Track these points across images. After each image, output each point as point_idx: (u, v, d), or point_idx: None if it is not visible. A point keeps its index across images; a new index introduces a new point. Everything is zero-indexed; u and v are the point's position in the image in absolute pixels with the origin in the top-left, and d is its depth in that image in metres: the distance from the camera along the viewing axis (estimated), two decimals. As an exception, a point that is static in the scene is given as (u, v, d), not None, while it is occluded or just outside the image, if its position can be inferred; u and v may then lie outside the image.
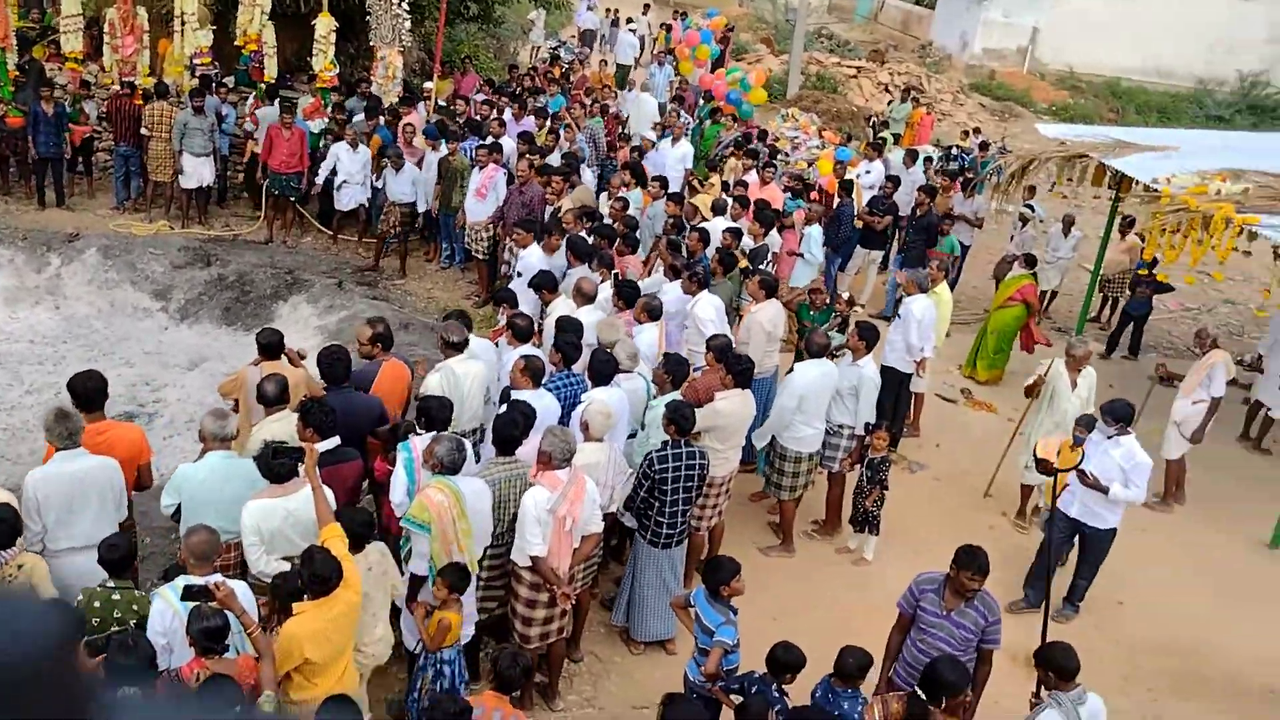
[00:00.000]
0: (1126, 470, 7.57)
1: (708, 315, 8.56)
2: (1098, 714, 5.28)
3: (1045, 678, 5.39)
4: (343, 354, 6.81)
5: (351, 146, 12.44)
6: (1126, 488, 7.59)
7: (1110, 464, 7.68)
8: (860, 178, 14.27)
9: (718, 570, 5.79)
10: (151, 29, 13.70)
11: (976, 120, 24.86)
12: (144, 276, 11.95)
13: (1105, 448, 7.72)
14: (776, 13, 34.71)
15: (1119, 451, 7.65)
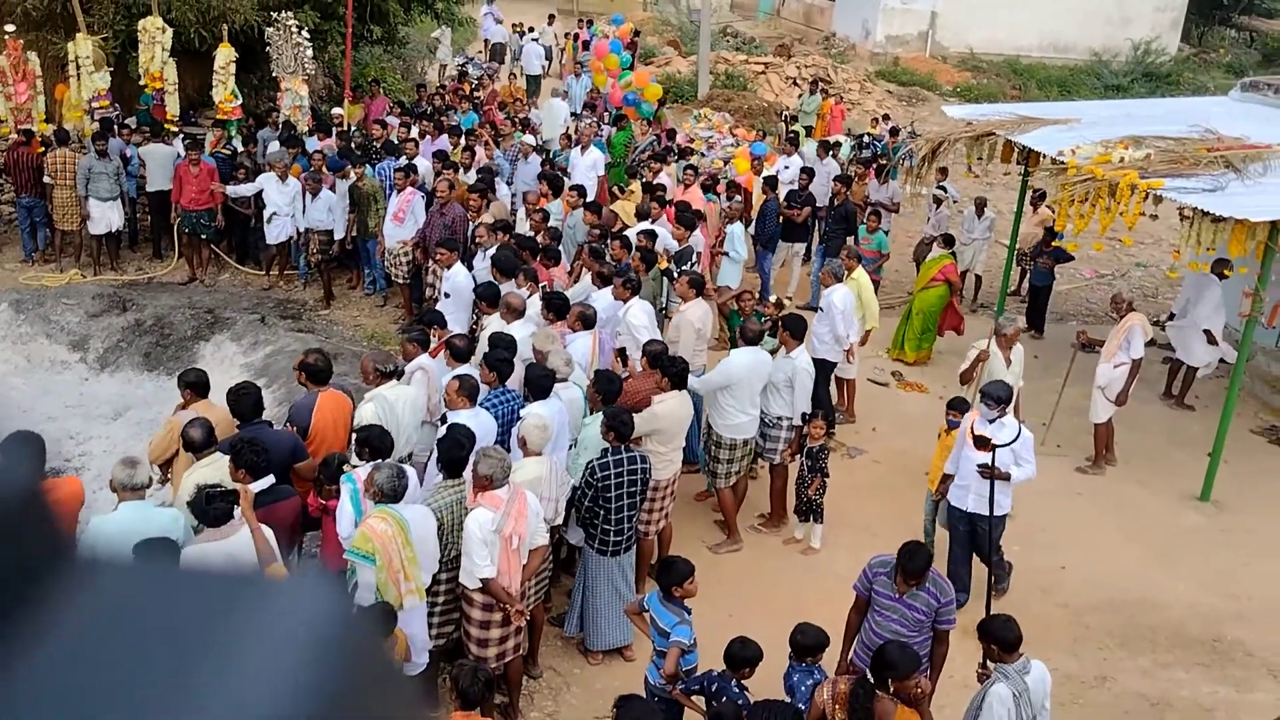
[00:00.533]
0: (1016, 449, 7.39)
1: (640, 321, 8.59)
2: (1043, 679, 5.39)
3: (989, 650, 5.46)
4: (250, 390, 6.72)
5: (280, 179, 12.25)
6: (1020, 466, 7.44)
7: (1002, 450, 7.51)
8: (780, 173, 14.42)
9: (670, 571, 5.80)
10: (46, 74, 13.36)
11: (885, 107, 25.28)
12: (59, 328, 11.64)
13: (990, 431, 7.48)
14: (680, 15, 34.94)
15: (1005, 433, 7.44)
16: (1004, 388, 7.63)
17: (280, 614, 0.62)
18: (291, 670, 0.58)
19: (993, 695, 5.21)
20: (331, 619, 0.63)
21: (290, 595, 0.64)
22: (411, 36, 22.04)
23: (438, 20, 19.36)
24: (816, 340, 10.17)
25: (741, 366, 8.18)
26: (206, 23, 13.71)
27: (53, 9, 13.51)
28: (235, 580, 0.68)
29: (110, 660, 0.58)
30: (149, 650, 0.59)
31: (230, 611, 0.62)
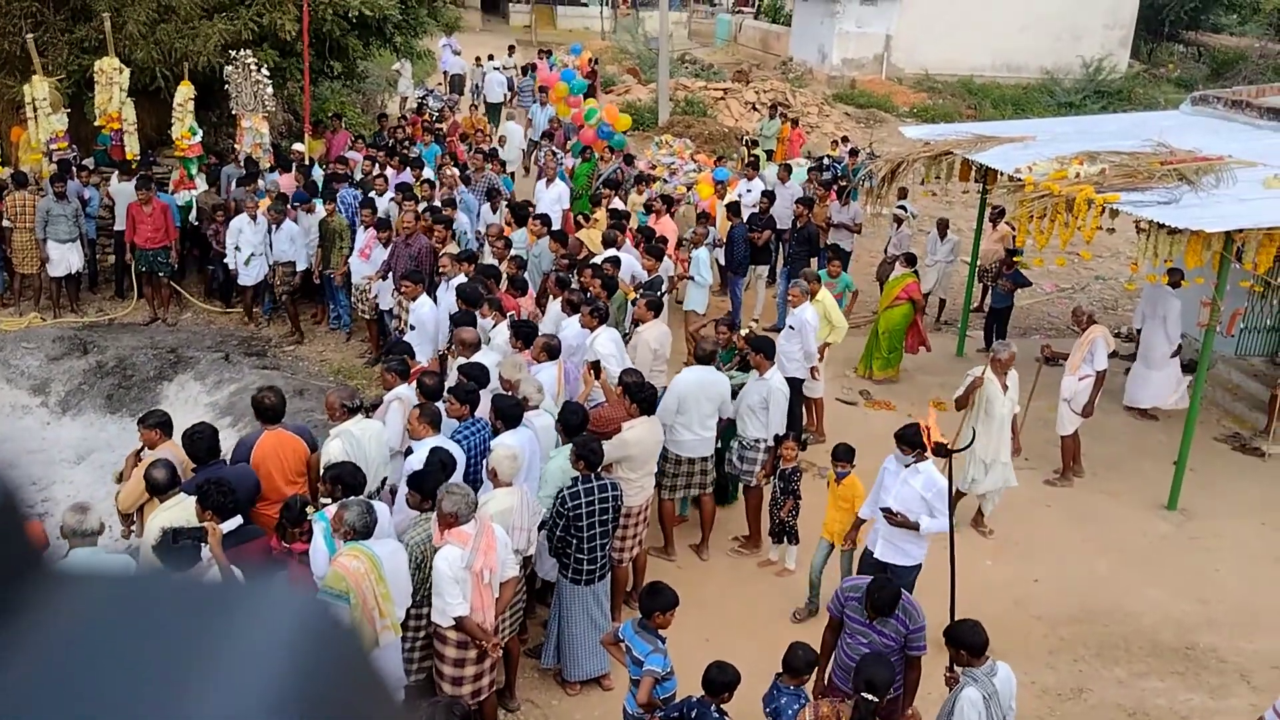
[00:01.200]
0: (929, 499, 6.97)
1: (608, 350, 8.58)
2: (1008, 680, 5.49)
3: (957, 655, 5.51)
4: (203, 431, 6.63)
5: (251, 219, 12.11)
6: (933, 517, 6.98)
7: (912, 494, 7.06)
8: (743, 196, 14.51)
9: (657, 597, 5.75)
10: (2, 117, 13.23)
11: (843, 129, 25.51)
12: (19, 372, 11.46)
13: (904, 477, 7.09)
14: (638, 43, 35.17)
15: (919, 480, 7.02)
16: (914, 431, 7.00)
17: (264, 616, 0.62)
18: (278, 671, 0.58)
19: (964, 699, 5.25)
20: (313, 621, 0.62)
21: (273, 599, 0.64)
22: (371, 70, 22.03)
23: (397, 54, 19.35)
24: (785, 359, 10.21)
25: (687, 384, 8.20)
26: (170, 63, 13.65)
27: (9, 51, 13.39)
28: (218, 587, 0.68)
29: (94, 666, 0.57)
30: (134, 656, 0.58)
31: (214, 615, 0.62)
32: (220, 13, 13.85)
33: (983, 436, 8.73)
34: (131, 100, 13.45)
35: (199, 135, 13.99)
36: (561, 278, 9.99)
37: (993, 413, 8.84)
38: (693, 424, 8.27)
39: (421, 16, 17.88)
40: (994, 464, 8.96)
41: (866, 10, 32.10)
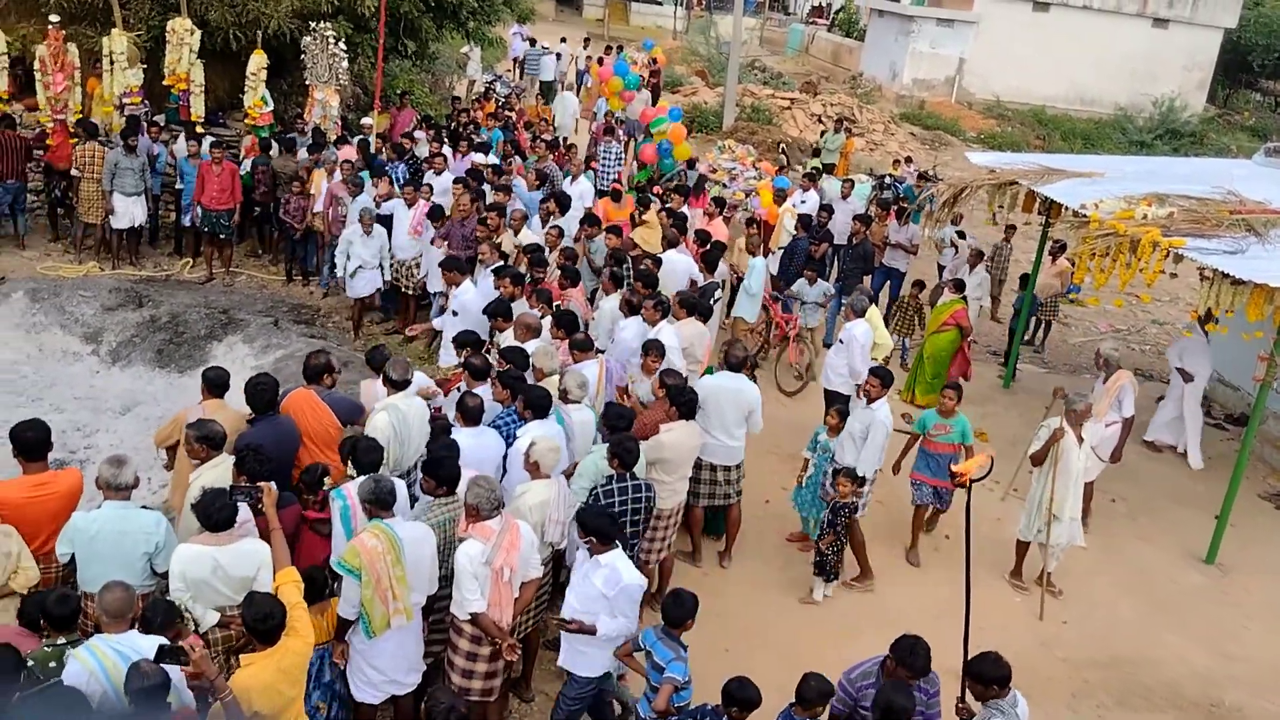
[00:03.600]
0: (611, 598, 5.81)
1: (671, 343, 8.55)
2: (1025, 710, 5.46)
3: (979, 690, 5.42)
4: (267, 382, 6.78)
5: (365, 232, 11.53)
6: (614, 618, 5.84)
7: (592, 592, 5.88)
8: (797, 207, 14.46)
9: (681, 605, 5.71)
10: (81, 67, 13.47)
11: (908, 149, 25.33)
12: (74, 319, 11.66)
13: (585, 570, 5.98)
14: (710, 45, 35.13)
15: (600, 575, 5.82)
16: (602, 516, 6.03)
17: None
18: None
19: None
20: None
21: None
22: (441, 52, 22.20)
23: (468, 38, 19.48)
24: (831, 373, 10.22)
25: (710, 388, 8.14)
26: (242, 25, 13.81)
27: (91, 3, 13.63)
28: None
29: None
30: None
31: None
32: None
33: (1055, 489, 8.60)
34: (201, 62, 13.64)
35: (270, 105, 14.15)
36: (615, 273, 10.00)
37: (1068, 466, 8.64)
38: (716, 429, 8.21)
39: (496, 3, 18.00)
40: (1063, 519, 8.74)
41: (942, 31, 31.86)
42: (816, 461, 8.96)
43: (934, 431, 9.00)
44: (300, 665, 4.88)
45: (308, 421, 6.98)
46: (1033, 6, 31.39)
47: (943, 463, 8.88)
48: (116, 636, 4.66)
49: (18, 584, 5.61)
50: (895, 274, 14.28)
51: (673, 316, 9.24)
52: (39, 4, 13.64)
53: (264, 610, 4.75)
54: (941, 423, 8.99)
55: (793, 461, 10.65)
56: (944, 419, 8.97)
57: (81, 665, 4.53)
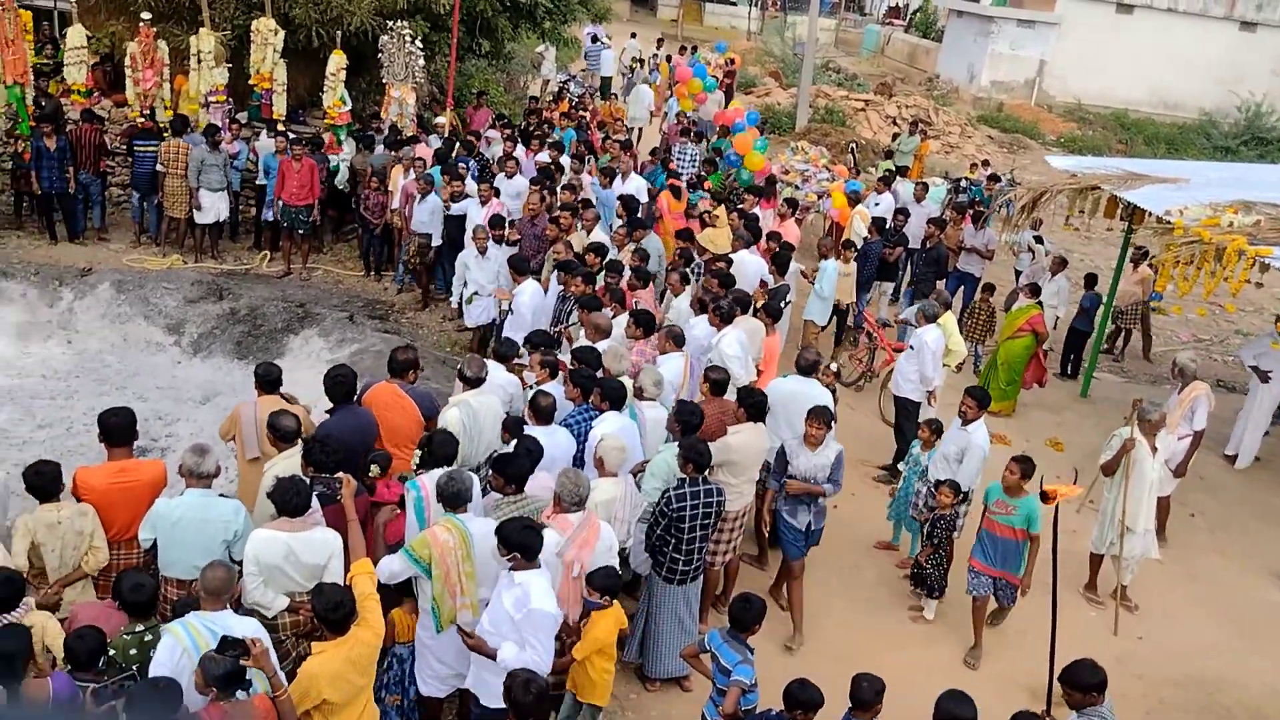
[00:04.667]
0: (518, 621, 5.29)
1: (733, 351, 8.53)
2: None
3: (1076, 699, 5.38)
4: (345, 373, 6.94)
5: (480, 253, 11.00)
6: (523, 648, 5.28)
7: (501, 611, 5.38)
8: (870, 210, 14.31)
9: (749, 608, 5.69)
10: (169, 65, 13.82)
11: (985, 152, 24.95)
12: (157, 311, 11.99)
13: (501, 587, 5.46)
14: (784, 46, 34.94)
15: (512, 595, 5.33)
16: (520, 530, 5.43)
17: None
18: None
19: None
20: None
21: None
22: (517, 52, 22.37)
23: (544, 38, 19.61)
24: (901, 378, 10.09)
25: (780, 390, 8.11)
26: (324, 23, 14.06)
27: (180, 2, 13.97)
28: None
29: None
30: None
31: None
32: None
33: (1128, 501, 8.42)
34: (284, 61, 13.90)
35: (349, 104, 14.38)
36: (684, 273, 10.00)
37: (1141, 477, 8.44)
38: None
39: (572, 3, 18.07)
40: (1137, 530, 8.54)
41: (1023, 33, 31.32)
42: (906, 475, 8.83)
43: (995, 509, 7.70)
44: (369, 656, 4.95)
45: (391, 415, 7.08)
46: (1116, 8, 30.70)
47: (1004, 550, 7.67)
48: (211, 615, 4.80)
49: (89, 565, 5.79)
50: (969, 279, 14.06)
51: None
52: (129, 2, 14.02)
53: (334, 600, 4.82)
54: (1004, 500, 7.66)
55: (862, 469, 10.58)
56: (1008, 496, 7.63)
57: (175, 640, 4.67)
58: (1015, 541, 7.63)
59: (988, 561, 7.79)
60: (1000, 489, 7.66)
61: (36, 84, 13.64)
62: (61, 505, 5.73)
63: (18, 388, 10.46)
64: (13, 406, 10.06)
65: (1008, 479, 7.57)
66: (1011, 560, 7.70)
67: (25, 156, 12.76)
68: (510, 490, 6.14)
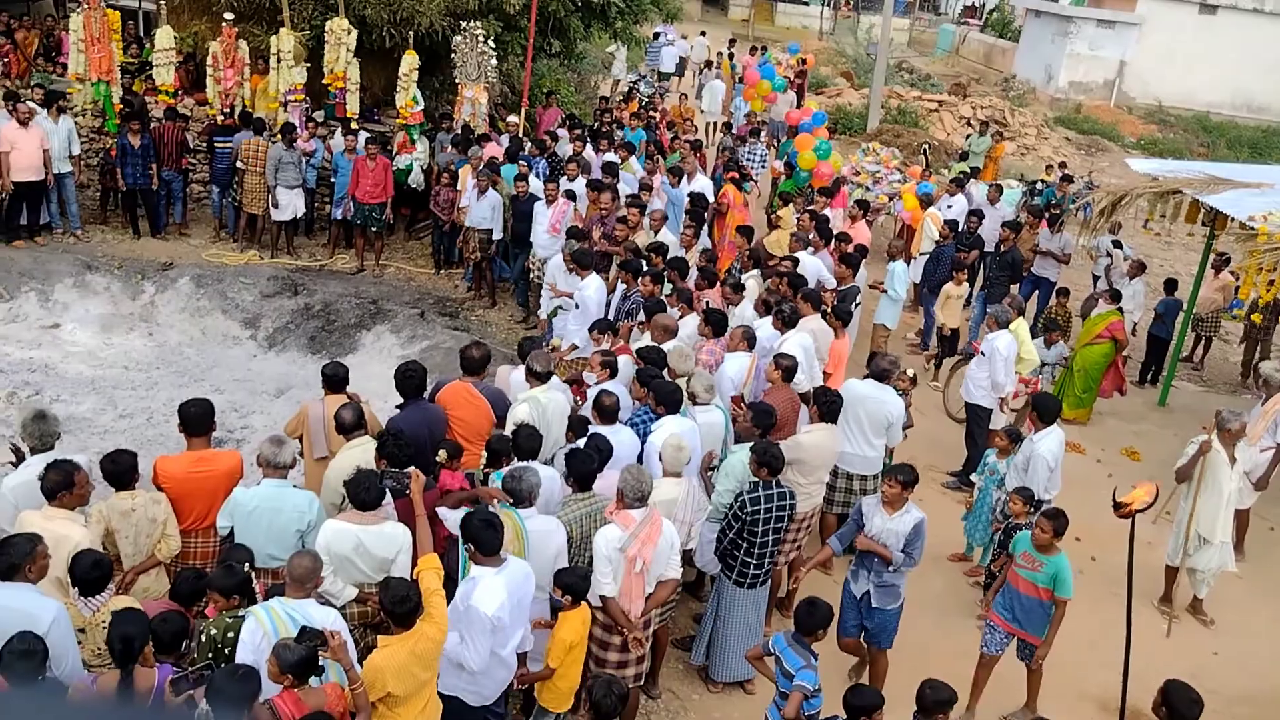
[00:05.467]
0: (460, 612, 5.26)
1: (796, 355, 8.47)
2: None
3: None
4: (415, 369, 7.04)
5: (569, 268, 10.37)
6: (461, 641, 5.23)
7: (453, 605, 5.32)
8: (943, 212, 14.12)
9: (814, 612, 5.67)
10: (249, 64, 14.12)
11: (1062, 154, 24.48)
12: (234, 305, 12.26)
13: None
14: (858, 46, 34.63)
15: (462, 589, 5.38)
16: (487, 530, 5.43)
17: None
18: None
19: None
20: None
21: None
22: (588, 51, 22.48)
23: (615, 38, 19.66)
24: (972, 384, 9.95)
25: (849, 393, 8.02)
26: (396, 23, 14.25)
27: (260, 3, 14.27)
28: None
29: None
30: None
31: None
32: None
33: (1203, 511, 8.21)
34: (357, 61, 14.11)
35: (421, 104, 14.56)
36: (738, 282, 9.92)
37: (1218, 487, 8.22)
38: (855, 436, 8.10)
39: (644, 3, 18.08)
40: (1213, 542, 8.32)
41: (1102, 33, 30.66)
42: (983, 485, 8.70)
43: (1021, 562, 6.95)
44: (434, 651, 5.00)
45: (464, 412, 7.16)
46: (1199, 8, 29.91)
47: (1026, 608, 6.91)
48: (294, 602, 4.90)
49: (162, 552, 5.93)
50: (1044, 283, 13.80)
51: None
52: (211, 2, 14.35)
53: (400, 594, 4.88)
54: (1031, 554, 6.89)
55: (930, 474, 10.45)
56: (1037, 552, 6.86)
57: (257, 623, 4.78)
58: (1039, 601, 6.88)
59: (1007, 617, 7.04)
60: (1029, 541, 6.93)
61: (122, 82, 14.02)
62: (136, 493, 5.88)
63: (101, 378, 10.76)
64: (96, 396, 10.35)
65: (1038, 536, 6.82)
66: (1034, 620, 6.92)
67: (111, 153, 13.15)
68: (576, 487, 6.18)
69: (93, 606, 5.04)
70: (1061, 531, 6.80)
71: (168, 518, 5.94)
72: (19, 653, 4.27)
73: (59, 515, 5.44)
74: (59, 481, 5.46)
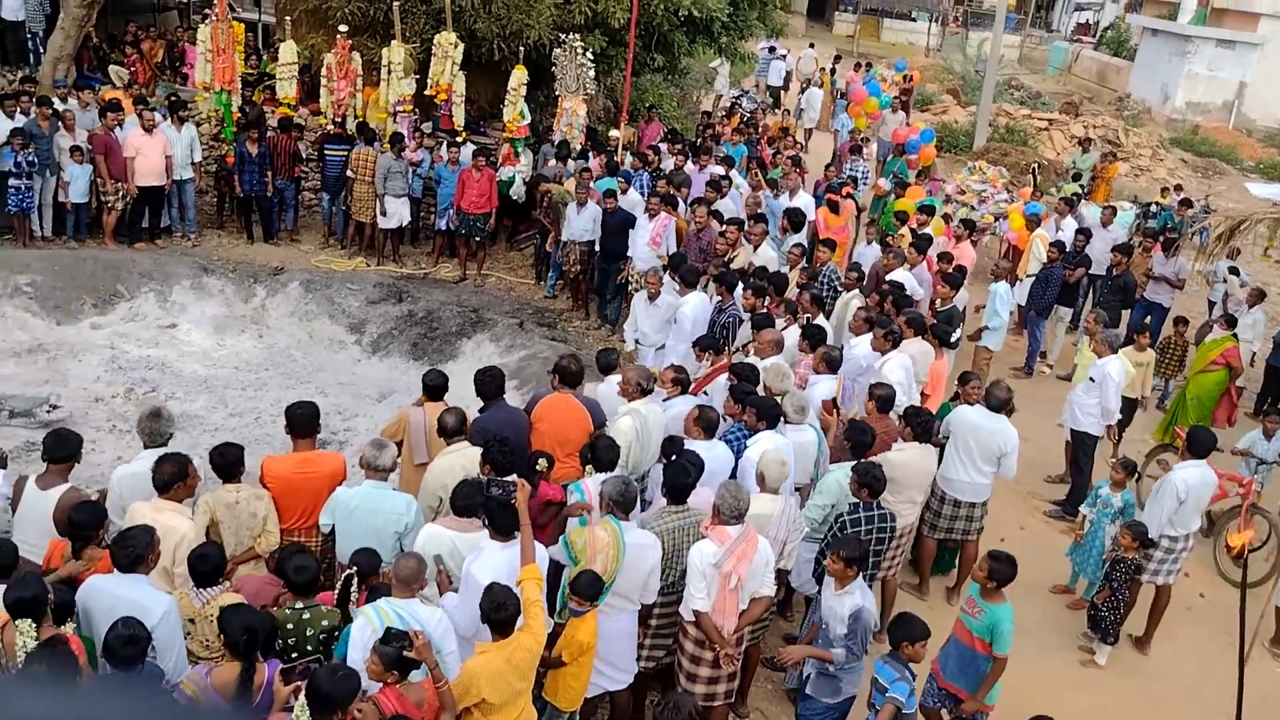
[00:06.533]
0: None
1: (897, 377, 8.34)
2: None
3: None
4: (495, 372, 7.27)
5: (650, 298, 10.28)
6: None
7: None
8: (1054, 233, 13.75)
9: (907, 627, 5.58)
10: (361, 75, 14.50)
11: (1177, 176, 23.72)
12: (341, 310, 12.57)
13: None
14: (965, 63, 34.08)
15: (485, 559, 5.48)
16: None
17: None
18: None
19: None
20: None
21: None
22: (691, 67, 22.53)
23: (720, 53, 19.67)
24: (1080, 412, 9.65)
25: (964, 420, 7.89)
26: (505, 37, 14.50)
27: (374, 16, 14.65)
28: None
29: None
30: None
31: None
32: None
33: None
34: (463, 74, 14.38)
35: (528, 118, 14.77)
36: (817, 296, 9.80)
37: None
38: (964, 464, 7.94)
39: (750, 19, 18.06)
40: None
41: (1222, 53, 29.67)
42: (1095, 517, 8.42)
43: (965, 606, 6.33)
44: (530, 661, 5.02)
45: (563, 424, 7.21)
46: (1326, 28, 28.79)
47: (960, 659, 6.24)
48: (401, 602, 5.00)
49: (261, 546, 6.11)
50: (1158, 309, 13.34)
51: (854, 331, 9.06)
52: (327, 16, 14.79)
53: (498, 600, 4.92)
54: (975, 599, 6.22)
55: (1031, 500, 10.19)
56: (981, 598, 6.17)
57: (366, 621, 4.90)
58: (973, 652, 6.18)
59: (947, 670, 6.34)
60: (975, 587, 6.25)
61: (241, 92, 14.52)
62: (241, 487, 6.07)
63: (213, 377, 11.13)
64: (208, 395, 10.71)
65: (976, 576, 6.16)
66: (966, 673, 6.22)
67: (229, 160, 13.63)
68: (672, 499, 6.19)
69: (204, 598, 5.21)
70: (1000, 577, 6.03)
71: (269, 513, 6.11)
72: (124, 638, 4.43)
73: (168, 507, 5.64)
74: (174, 474, 5.67)
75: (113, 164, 12.60)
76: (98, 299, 12.01)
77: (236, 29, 14.12)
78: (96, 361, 11.06)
